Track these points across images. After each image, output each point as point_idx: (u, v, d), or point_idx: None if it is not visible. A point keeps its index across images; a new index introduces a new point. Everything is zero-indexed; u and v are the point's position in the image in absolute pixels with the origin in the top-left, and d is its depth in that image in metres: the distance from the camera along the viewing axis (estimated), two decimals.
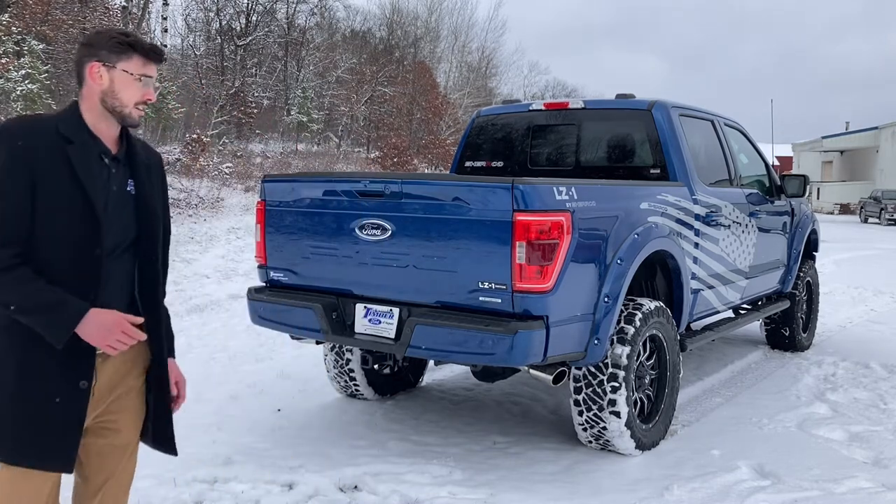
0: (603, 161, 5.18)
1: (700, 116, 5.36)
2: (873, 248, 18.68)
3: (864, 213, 34.79)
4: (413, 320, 3.70)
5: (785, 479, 3.87)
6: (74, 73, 2.16)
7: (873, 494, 3.71)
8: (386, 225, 3.81)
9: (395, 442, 4.35)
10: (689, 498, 3.65)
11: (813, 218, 7.10)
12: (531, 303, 3.48)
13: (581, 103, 5.23)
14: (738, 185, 5.58)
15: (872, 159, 42.07)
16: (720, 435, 4.55)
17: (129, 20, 26.24)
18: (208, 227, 13.72)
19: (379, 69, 38.60)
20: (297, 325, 4.21)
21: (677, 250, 4.46)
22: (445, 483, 3.75)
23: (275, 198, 4.32)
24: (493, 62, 51.16)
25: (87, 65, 2.06)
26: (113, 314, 2.00)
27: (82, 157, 2.01)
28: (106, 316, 1.98)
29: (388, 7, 46.36)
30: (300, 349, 6.29)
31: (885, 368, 6.16)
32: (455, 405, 5.14)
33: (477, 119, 5.80)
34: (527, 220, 3.42)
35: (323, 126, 36.71)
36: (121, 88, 2.07)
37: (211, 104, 29.17)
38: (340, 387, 5.12)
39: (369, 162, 31.69)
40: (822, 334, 7.55)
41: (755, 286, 5.89)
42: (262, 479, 3.76)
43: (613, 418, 3.98)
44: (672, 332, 4.42)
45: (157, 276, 2.19)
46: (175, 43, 36.84)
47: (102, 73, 2.05)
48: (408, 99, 39.54)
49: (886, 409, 5.10)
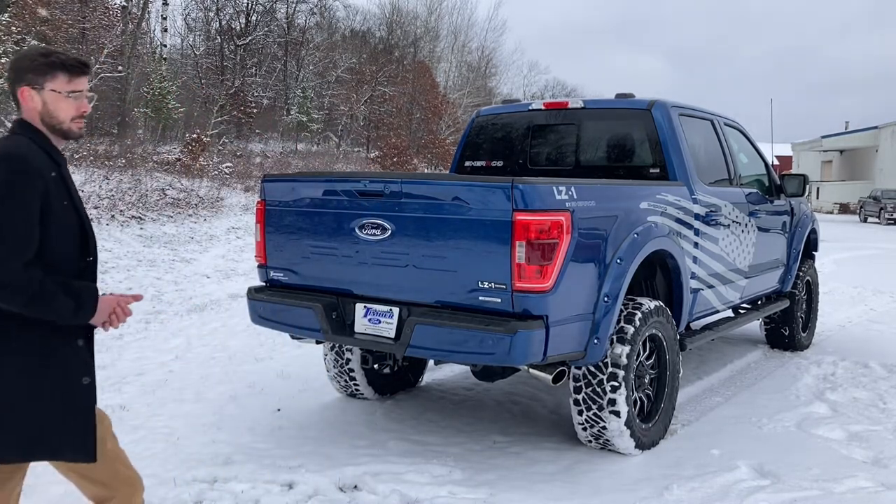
0: (603, 161, 5.18)
1: (700, 116, 5.36)
2: (873, 248, 18.70)
3: (863, 212, 34.78)
4: (413, 320, 3.70)
5: (784, 478, 3.88)
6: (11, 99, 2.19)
7: (873, 494, 3.71)
8: (386, 224, 3.81)
9: (395, 441, 4.35)
10: (689, 497, 3.65)
11: (812, 217, 7.10)
12: (531, 302, 3.48)
13: (581, 103, 5.23)
14: (737, 184, 5.58)
15: (872, 159, 42.06)
16: (720, 434, 4.55)
17: (128, 20, 26.24)
18: (208, 227, 13.73)
19: (379, 69, 38.60)
20: (296, 325, 4.21)
21: (677, 250, 4.46)
22: (445, 483, 3.75)
23: (275, 197, 4.32)
24: (492, 62, 51.20)
25: (18, 90, 2.16)
26: (111, 299, 2.22)
27: (68, 178, 2.19)
28: (106, 302, 2.20)
29: (387, 7, 46.37)
30: (300, 349, 6.29)
31: (885, 368, 6.16)
32: (455, 405, 5.15)
33: (477, 119, 5.80)
34: (526, 219, 3.42)
35: (323, 126, 36.71)
36: (55, 108, 2.17)
37: (211, 104, 29.17)
38: (340, 386, 5.12)
39: (369, 161, 31.70)
40: (822, 334, 7.56)
41: (755, 286, 5.89)
42: (262, 478, 3.76)
43: (613, 418, 3.98)
44: (672, 331, 4.42)
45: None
46: (175, 43, 36.86)
47: (33, 96, 2.15)
48: (407, 99, 39.54)
49: (886, 409, 5.11)
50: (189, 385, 5.40)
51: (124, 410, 4.83)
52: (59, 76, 2.16)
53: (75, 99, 2.18)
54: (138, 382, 5.47)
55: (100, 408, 2.30)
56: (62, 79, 2.16)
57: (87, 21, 22.75)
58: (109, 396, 5.15)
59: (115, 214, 13.94)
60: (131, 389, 5.31)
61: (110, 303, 2.21)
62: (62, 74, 2.16)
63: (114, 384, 5.40)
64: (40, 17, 18.06)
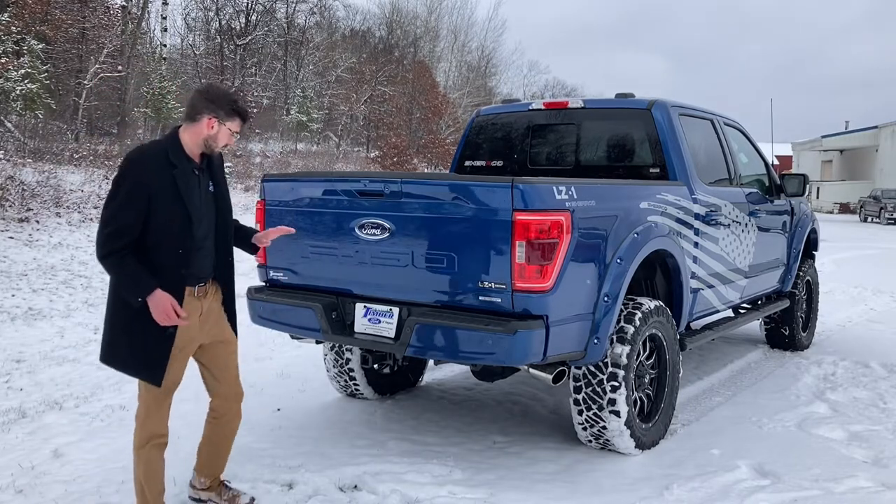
0: (603, 160, 5.17)
1: (700, 116, 5.36)
2: (873, 248, 18.70)
3: (863, 212, 34.78)
4: (413, 320, 3.70)
5: (784, 478, 3.88)
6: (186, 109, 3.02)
7: (873, 494, 3.71)
8: (386, 224, 3.81)
9: (395, 441, 4.35)
10: (689, 497, 3.65)
11: (812, 217, 7.10)
12: (531, 302, 3.47)
13: (581, 103, 5.22)
14: (737, 184, 5.58)
15: (872, 159, 42.05)
16: (720, 434, 4.55)
17: (128, 20, 26.23)
18: None
19: (378, 68, 38.60)
20: (296, 325, 4.21)
21: (677, 249, 4.46)
22: (445, 482, 3.75)
23: (274, 197, 4.31)
24: (492, 61, 51.22)
25: (206, 116, 2.96)
26: (165, 300, 2.86)
27: (183, 178, 2.92)
28: (161, 298, 2.86)
29: (387, 6, 46.39)
30: (300, 349, 6.29)
31: (885, 368, 6.17)
32: (455, 405, 5.15)
33: (477, 118, 5.79)
34: (526, 219, 3.42)
35: (322, 125, 36.71)
36: (221, 138, 3.01)
37: None
38: (340, 386, 5.12)
39: (369, 161, 31.71)
40: (822, 333, 7.56)
41: (755, 285, 5.89)
42: (262, 478, 3.76)
43: (613, 417, 3.98)
44: (672, 331, 4.42)
45: (230, 242, 3.23)
46: (175, 42, 36.86)
47: (215, 126, 2.98)
48: (407, 98, 39.54)
49: (886, 409, 5.11)
50: (189, 385, 5.33)
51: (124, 410, 4.83)
52: (237, 121, 3.02)
53: (233, 136, 3.04)
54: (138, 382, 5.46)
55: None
56: (237, 123, 3.03)
57: (87, 21, 22.74)
58: (110, 396, 5.15)
59: None
60: (131, 389, 5.29)
61: (163, 302, 2.85)
62: (239, 120, 3.03)
63: (114, 384, 5.40)
64: (40, 17, 18.06)
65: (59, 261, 10.75)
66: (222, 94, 3.01)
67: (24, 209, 12.52)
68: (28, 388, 5.29)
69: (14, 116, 18.63)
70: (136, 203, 2.81)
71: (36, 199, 13.10)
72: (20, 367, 5.84)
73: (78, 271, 10.28)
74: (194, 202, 2.95)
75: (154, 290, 2.85)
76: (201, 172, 3.03)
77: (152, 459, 3.09)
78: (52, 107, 20.59)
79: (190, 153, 2.98)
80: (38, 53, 19.28)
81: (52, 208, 13.07)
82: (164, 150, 2.91)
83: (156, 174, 2.85)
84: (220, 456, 3.44)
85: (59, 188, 13.99)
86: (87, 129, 23.80)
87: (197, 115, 2.96)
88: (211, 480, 3.45)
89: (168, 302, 2.86)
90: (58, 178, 14.48)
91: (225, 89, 3.21)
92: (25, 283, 9.23)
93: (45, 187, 13.71)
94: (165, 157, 2.90)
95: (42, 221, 12.39)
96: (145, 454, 3.07)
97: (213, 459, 3.42)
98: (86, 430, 4.50)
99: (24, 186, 13.31)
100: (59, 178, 14.48)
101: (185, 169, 2.93)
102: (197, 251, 3.00)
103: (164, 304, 2.86)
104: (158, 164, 2.87)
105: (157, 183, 2.84)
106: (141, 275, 2.84)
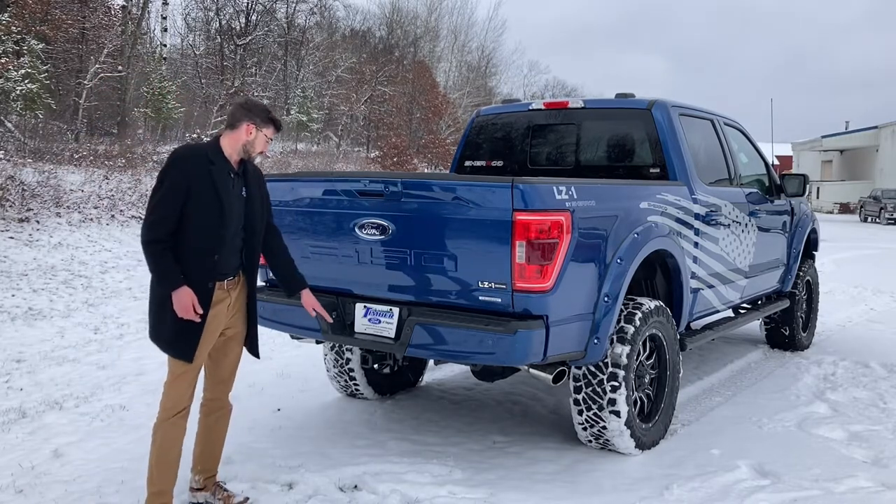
0: (603, 160, 5.17)
1: (700, 116, 5.36)
2: (873, 248, 18.70)
3: (863, 212, 34.78)
4: (413, 320, 3.70)
5: (784, 478, 3.88)
6: (227, 119, 3.32)
7: (873, 494, 3.71)
8: (386, 224, 3.81)
9: (395, 441, 4.35)
10: (689, 497, 3.65)
11: (812, 217, 7.10)
12: (531, 302, 3.48)
13: (581, 103, 5.22)
14: (737, 184, 5.58)
15: (872, 159, 42.06)
16: (720, 434, 4.55)
17: (128, 20, 26.23)
18: None
19: (379, 68, 38.59)
20: (296, 325, 4.21)
21: (677, 249, 4.46)
22: (445, 482, 3.75)
23: (274, 197, 4.30)
24: (492, 61, 51.22)
25: (245, 123, 3.26)
26: (187, 298, 3.10)
27: (219, 175, 3.19)
28: (184, 295, 3.10)
29: (387, 6, 46.39)
30: (300, 349, 6.29)
31: (885, 368, 6.17)
32: (455, 405, 5.15)
33: (477, 118, 5.79)
34: (526, 219, 3.42)
35: (323, 125, 36.72)
36: (258, 144, 3.31)
37: (211, 104, 29.16)
38: (340, 386, 5.12)
39: (369, 161, 31.71)
40: (822, 333, 7.56)
41: (755, 285, 5.89)
42: (262, 478, 3.76)
43: (613, 417, 3.98)
44: (672, 331, 4.42)
45: (257, 246, 3.42)
46: (175, 42, 36.86)
47: (252, 132, 3.28)
48: (407, 98, 39.53)
49: (886, 409, 5.11)
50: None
51: (124, 410, 4.83)
52: (272, 128, 3.33)
53: (268, 142, 3.35)
54: (138, 382, 5.47)
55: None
56: (272, 130, 3.34)
57: (87, 21, 22.74)
58: (110, 396, 5.15)
59: (115, 214, 13.94)
60: (131, 389, 5.31)
61: (185, 299, 3.09)
62: (273, 127, 3.34)
63: (114, 384, 5.40)
64: (40, 17, 18.06)
65: (60, 261, 10.75)
66: (259, 105, 3.35)
67: (24, 209, 12.52)
68: (28, 388, 5.29)
69: (14, 116, 18.63)
70: (177, 194, 3.09)
71: (36, 199, 13.09)
72: (20, 367, 5.84)
73: (78, 271, 10.28)
74: (228, 198, 3.20)
75: (181, 286, 3.10)
76: (237, 176, 3.28)
77: (176, 425, 3.29)
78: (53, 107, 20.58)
79: (228, 157, 3.26)
80: (38, 53, 19.28)
81: (53, 208, 13.07)
82: (205, 151, 3.21)
83: (196, 169, 3.13)
84: (214, 453, 3.54)
85: (60, 188, 13.98)
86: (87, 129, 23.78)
87: (237, 123, 3.26)
88: (205, 479, 3.50)
89: (189, 299, 3.10)
90: (58, 178, 14.47)
91: (261, 102, 3.52)
92: (25, 283, 9.24)
93: (46, 187, 13.71)
94: (206, 155, 3.18)
95: (42, 221, 12.39)
96: (169, 425, 3.26)
97: (208, 457, 3.52)
98: (86, 430, 4.50)
99: (24, 186, 13.30)
100: (59, 178, 14.47)
101: (221, 167, 3.21)
102: (226, 246, 3.25)
103: (186, 301, 3.10)
104: (199, 161, 3.15)
105: (197, 177, 3.12)
106: (173, 271, 3.11)
